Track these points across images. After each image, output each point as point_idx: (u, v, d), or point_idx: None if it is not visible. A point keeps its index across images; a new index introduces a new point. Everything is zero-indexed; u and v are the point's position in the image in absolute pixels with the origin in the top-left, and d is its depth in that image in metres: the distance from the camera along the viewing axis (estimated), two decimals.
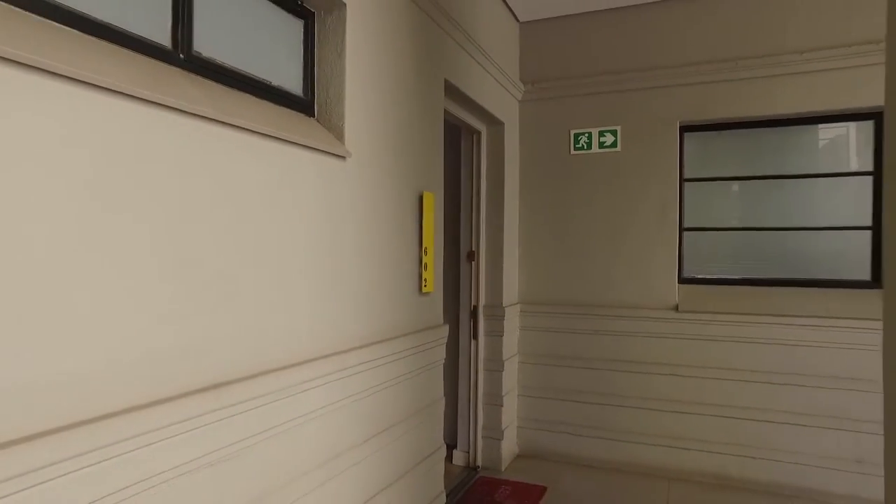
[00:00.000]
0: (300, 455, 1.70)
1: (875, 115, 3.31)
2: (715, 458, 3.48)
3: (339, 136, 1.91)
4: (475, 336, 3.68)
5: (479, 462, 3.67)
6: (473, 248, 3.70)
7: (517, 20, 3.89)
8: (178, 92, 1.30)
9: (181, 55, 1.43)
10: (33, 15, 1.10)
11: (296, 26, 1.88)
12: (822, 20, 3.28)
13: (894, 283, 1.14)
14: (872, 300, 3.20)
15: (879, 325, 1.11)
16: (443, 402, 2.72)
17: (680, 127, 3.66)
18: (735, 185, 3.71)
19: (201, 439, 1.33)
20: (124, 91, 1.15)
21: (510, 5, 3.68)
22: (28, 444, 0.97)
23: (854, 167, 3.44)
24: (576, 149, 3.87)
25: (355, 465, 1.96)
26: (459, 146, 3.73)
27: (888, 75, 0.88)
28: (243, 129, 1.48)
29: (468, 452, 3.70)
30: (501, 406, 3.66)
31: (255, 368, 1.53)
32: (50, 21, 1.13)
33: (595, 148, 3.82)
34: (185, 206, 1.32)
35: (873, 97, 3.20)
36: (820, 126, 3.53)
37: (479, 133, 3.65)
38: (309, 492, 1.73)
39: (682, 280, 3.70)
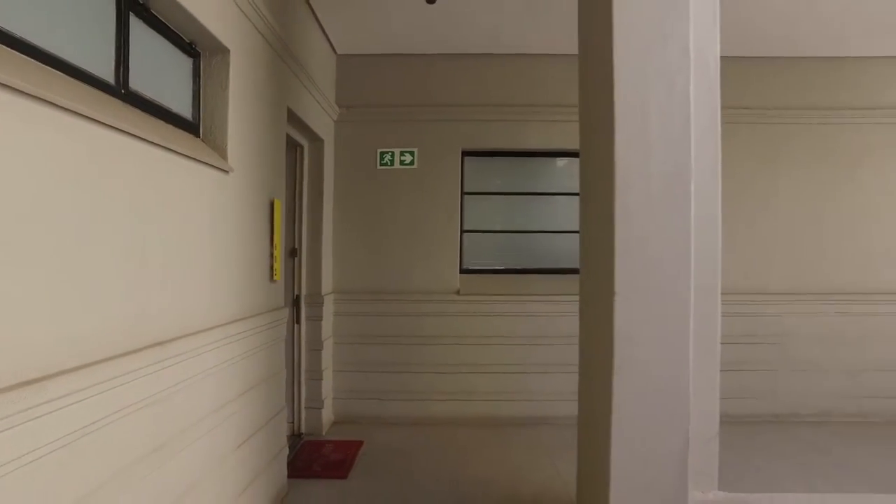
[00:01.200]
0: (203, 401, 2.18)
1: None
2: (489, 404, 4.63)
3: (223, 154, 2.41)
4: (298, 321, 4.25)
5: (304, 429, 4.25)
6: (296, 246, 4.26)
7: (335, 52, 4.58)
8: (111, 112, 1.64)
9: (122, 90, 1.84)
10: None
11: (187, 64, 2.33)
12: (559, 86, 4.64)
13: (585, 269, 2.25)
14: None
15: None
16: (285, 371, 3.28)
17: (462, 152, 4.76)
18: (504, 197, 4.96)
19: (149, 382, 1.78)
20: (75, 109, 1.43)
21: (330, 39, 4.35)
22: None
23: (576, 189, 4.93)
24: (381, 164, 4.70)
25: (234, 414, 2.47)
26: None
27: (581, 128, 1.86)
28: (155, 144, 1.86)
29: (293, 422, 4.25)
30: (321, 380, 4.30)
31: (177, 333, 2.00)
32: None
33: (397, 164, 4.70)
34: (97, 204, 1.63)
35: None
36: (557, 158, 4.96)
37: (302, 147, 4.24)
38: (206, 433, 2.21)
39: (463, 270, 4.79)
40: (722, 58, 2.63)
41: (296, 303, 4.26)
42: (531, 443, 4.18)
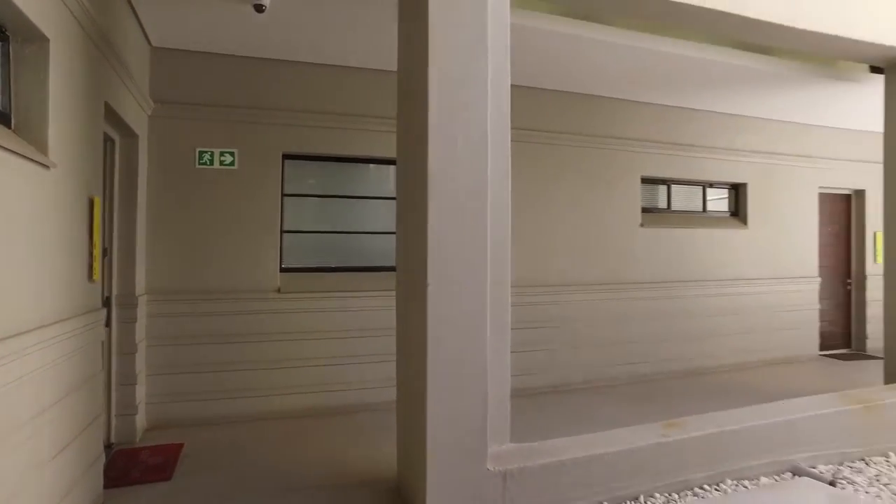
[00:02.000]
0: (22, 407, 2.12)
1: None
2: (313, 396, 4.85)
3: (44, 148, 2.33)
4: (108, 324, 4.03)
5: (114, 438, 4.04)
6: (107, 245, 4.03)
7: (150, 43, 4.39)
8: None
9: None
10: None
11: None
12: (376, 98, 5.04)
13: (401, 265, 2.68)
14: None
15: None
16: (102, 374, 3.17)
17: (283, 155, 4.90)
18: (323, 199, 5.20)
19: None
20: None
21: (145, 29, 4.18)
22: None
23: (393, 193, 5.38)
24: (200, 163, 4.64)
25: (52, 420, 2.40)
26: None
27: (398, 142, 2.25)
28: None
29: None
30: (135, 385, 4.13)
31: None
32: None
33: (217, 164, 4.68)
34: None
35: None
36: (373, 165, 5.35)
37: (113, 142, 4.02)
38: (25, 440, 2.15)
39: (283, 269, 4.94)
40: (524, 88, 3.24)
41: (106, 304, 4.03)
42: (355, 428, 4.52)
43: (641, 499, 3.04)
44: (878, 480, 3.36)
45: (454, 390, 2.80)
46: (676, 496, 3.09)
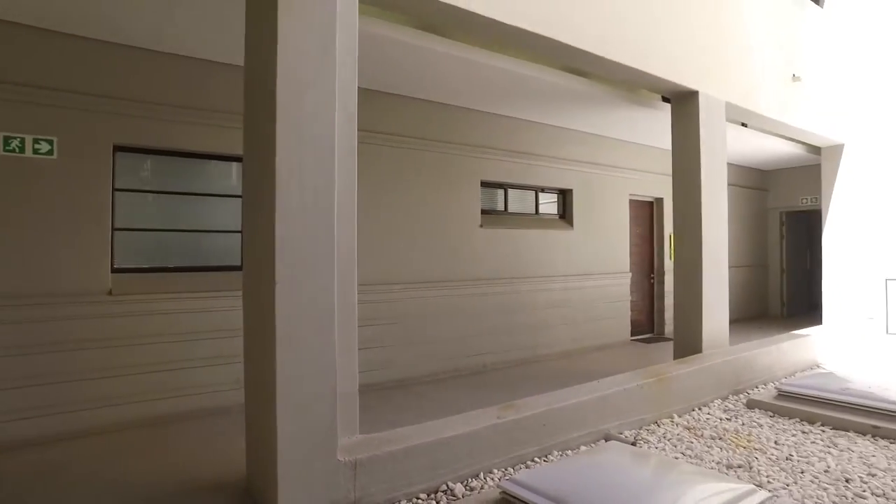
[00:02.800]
0: None
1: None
2: (154, 405, 4.54)
3: None
4: None
5: None
6: None
7: None
8: None
9: None
10: None
11: None
12: (218, 93, 4.84)
13: (248, 264, 2.69)
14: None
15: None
16: None
17: (114, 147, 4.51)
18: (160, 196, 4.87)
19: None
20: None
21: None
22: None
23: (238, 191, 5.20)
24: (6, 150, 4.10)
25: None
26: None
27: (245, 140, 2.25)
28: None
29: None
30: None
31: None
32: None
33: (29, 153, 4.17)
34: None
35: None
36: (213, 161, 5.13)
37: None
38: None
39: (115, 270, 4.55)
40: (373, 91, 3.30)
41: None
42: (206, 433, 4.32)
43: (481, 475, 3.34)
44: (664, 437, 4.07)
45: (303, 387, 2.85)
46: (511, 469, 3.45)
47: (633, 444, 3.89)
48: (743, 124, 8.11)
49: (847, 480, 3.32)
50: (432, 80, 5.62)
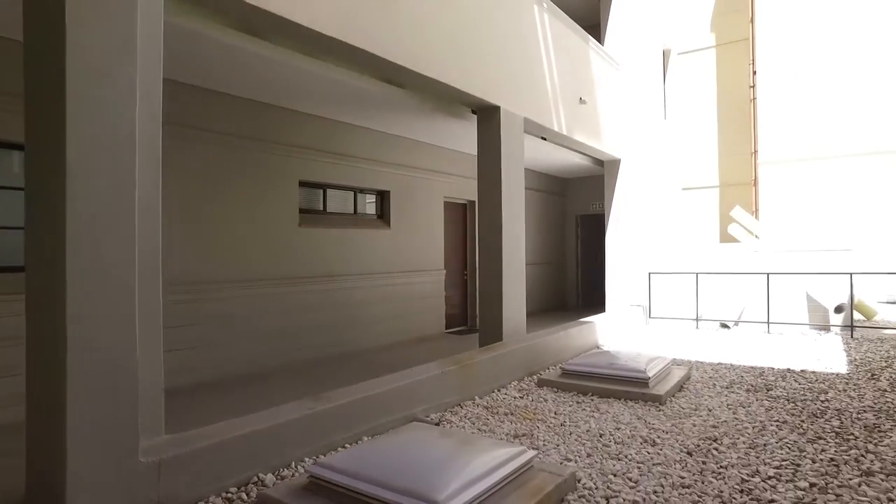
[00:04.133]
0: None
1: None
2: None
3: None
4: None
5: None
6: None
7: None
8: None
9: None
10: None
11: None
12: None
13: (33, 265, 2.54)
14: None
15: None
16: None
17: None
18: None
19: None
20: None
21: None
22: None
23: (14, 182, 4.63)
24: None
25: None
26: None
27: (29, 130, 2.15)
28: None
29: None
30: None
31: None
32: None
33: None
34: None
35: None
36: None
37: None
38: None
39: None
40: (187, 85, 3.16)
41: None
42: None
43: (293, 464, 3.48)
44: (466, 417, 4.58)
45: (98, 391, 2.74)
46: (322, 456, 3.64)
47: (438, 424, 4.32)
48: (543, 138, 9.21)
49: (600, 435, 4.09)
50: (254, 80, 5.56)
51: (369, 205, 8.23)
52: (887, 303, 9.71)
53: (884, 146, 11.23)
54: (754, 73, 13.25)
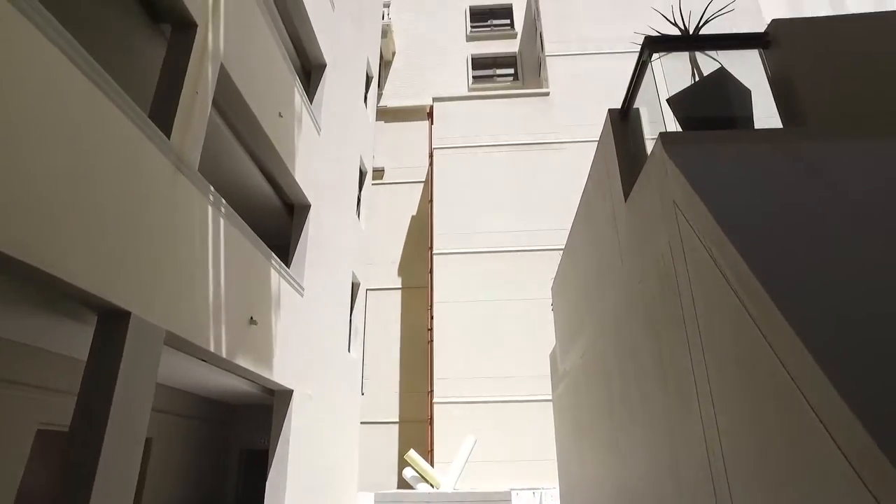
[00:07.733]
0: None
1: None
2: None
3: None
4: None
5: None
6: None
7: None
8: None
9: None
10: None
11: None
12: None
13: None
14: None
15: None
16: None
17: None
18: None
19: None
20: None
21: None
22: None
23: None
24: None
25: None
26: None
27: None
28: None
29: None
30: None
31: None
32: None
33: None
34: None
35: None
36: None
37: None
38: None
39: None
40: None
41: None
42: None
43: None
44: None
45: None
46: None
47: None
48: (202, 359, 7.69)
49: None
50: None
51: None
52: None
53: (537, 395, 12.68)
54: (432, 317, 14.41)
